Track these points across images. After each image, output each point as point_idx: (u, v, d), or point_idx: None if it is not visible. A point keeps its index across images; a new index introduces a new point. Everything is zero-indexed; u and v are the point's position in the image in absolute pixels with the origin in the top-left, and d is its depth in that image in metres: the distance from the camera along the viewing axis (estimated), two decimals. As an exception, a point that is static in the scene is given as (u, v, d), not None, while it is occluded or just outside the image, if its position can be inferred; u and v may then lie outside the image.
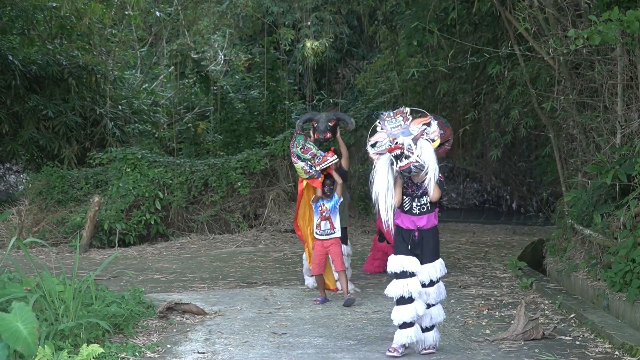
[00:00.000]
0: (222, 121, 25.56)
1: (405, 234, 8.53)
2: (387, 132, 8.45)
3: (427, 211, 8.57)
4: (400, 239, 8.58)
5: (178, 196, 18.89)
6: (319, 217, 11.04)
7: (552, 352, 8.08)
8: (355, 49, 27.39)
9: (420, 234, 8.51)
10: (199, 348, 8.40)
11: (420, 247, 8.49)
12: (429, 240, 8.56)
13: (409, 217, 8.54)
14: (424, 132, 8.41)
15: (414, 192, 8.53)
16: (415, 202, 8.53)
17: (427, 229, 8.56)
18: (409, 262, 8.40)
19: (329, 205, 11.01)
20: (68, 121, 21.64)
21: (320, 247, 11.02)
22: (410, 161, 8.18)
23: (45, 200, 19.16)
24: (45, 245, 12.88)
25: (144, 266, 14.90)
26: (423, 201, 8.54)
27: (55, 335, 8.00)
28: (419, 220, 8.53)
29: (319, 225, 11.04)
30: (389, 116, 8.61)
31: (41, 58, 21.66)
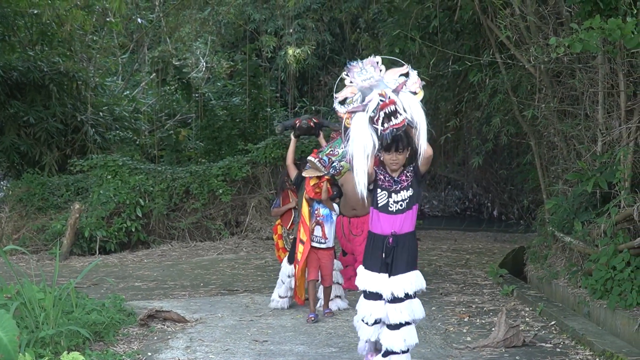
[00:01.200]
0: (204, 128, 25.55)
1: (378, 242, 7.54)
2: (356, 85, 7.31)
3: (405, 208, 7.50)
4: (372, 248, 7.62)
5: (159, 203, 18.87)
6: (313, 220, 10.52)
7: (533, 359, 8.11)
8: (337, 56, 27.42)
9: (395, 240, 7.46)
10: (180, 356, 8.40)
11: (392, 255, 7.47)
12: (404, 248, 7.51)
13: (383, 218, 7.52)
14: (404, 84, 7.35)
15: (390, 185, 7.51)
16: (392, 198, 7.49)
17: (404, 234, 7.50)
18: (378, 281, 7.46)
19: (324, 212, 10.48)
20: (49, 127, 21.58)
21: (315, 255, 10.43)
22: (405, 117, 7.15)
23: (25, 207, 19.11)
24: (25, 253, 12.84)
25: (124, 274, 14.88)
26: (402, 196, 7.50)
27: (36, 343, 7.98)
28: (395, 221, 7.49)
29: (313, 230, 10.48)
30: (358, 67, 7.36)
31: (22, 64, 21.60)
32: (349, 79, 7.37)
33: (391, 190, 7.50)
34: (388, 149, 7.33)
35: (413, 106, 7.22)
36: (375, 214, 7.62)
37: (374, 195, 7.56)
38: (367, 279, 7.53)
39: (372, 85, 7.27)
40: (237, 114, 25.63)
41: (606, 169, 10.46)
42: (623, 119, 10.46)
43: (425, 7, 16.33)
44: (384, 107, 7.13)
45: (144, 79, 27.67)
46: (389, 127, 7.16)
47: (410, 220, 7.60)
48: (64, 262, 16.11)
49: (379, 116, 7.17)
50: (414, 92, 7.31)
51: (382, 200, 7.51)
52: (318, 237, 10.46)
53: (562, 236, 11.49)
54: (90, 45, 23.93)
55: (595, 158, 10.93)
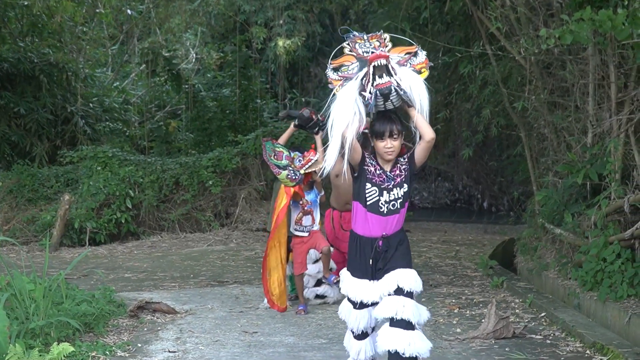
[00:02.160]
0: (194, 119, 25.54)
1: (365, 245, 6.59)
2: (357, 56, 6.52)
3: (398, 209, 6.57)
4: (357, 253, 6.67)
5: (149, 195, 18.83)
6: (299, 211, 10.19)
7: (523, 350, 8.11)
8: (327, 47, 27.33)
9: (386, 243, 6.56)
10: (170, 347, 8.38)
11: (384, 260, 6.57)
12: (398, 248, 6.63)
13: (372, 218, 6.55)
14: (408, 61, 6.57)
15: (382, 181, 6.54)
16: (383, 197, 6.51)
17: (395, 233, 6.62)
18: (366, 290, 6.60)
19: (310, 198, 10.24)
20: (39, 118, 21.54)
21: (301, 244, 10.20)
22: (393, 80, 6.25)
23: (15, 198, 19.07)
24: (15, 244, 12.81)
25: (114, 265, 14.86)
26: (395, 195, 6.53)
27: (26, 334, 7.97)
28: (386, 223, 6.55)
29: (300, 221, 10.19)
30: (362, 38, 6.66)
31: (12, 56, 21.57)
32: (350, 47, 6.64)
33: (383, 188, 6.56)
34: (381, 136, 6.44)
35: (414, 82, 6.40)
36: (362, 212, 6.61)
37: (361, 188, 6.57)
38: (353, 287, 6.69)
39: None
40: (227, 105, 25.62)
41: (596, 160, 10.45)
42: (613, 111, 10.45)
43: (414, -2, 16.34)
44: (373, 60, 6.31)
45: (134, 70, 27.64)
46: (374, 89, 6.25)
47: (402, 219, 6.71)
48: (53, 253, 16.08)
49: (368, 78, 6.30)
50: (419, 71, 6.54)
51: (372, 198, 6.55)
52: (308, 226, 10.26)
53: (552, 228, 11.49)
54: (80, 36, 23.85)
55: (586, 150, 10.92)
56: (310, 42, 26.56)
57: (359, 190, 6.59)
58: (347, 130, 6.16)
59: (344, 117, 6.21)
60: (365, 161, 6.57)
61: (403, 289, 6.49)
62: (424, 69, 6.56)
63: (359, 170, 6.60)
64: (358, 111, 6.27)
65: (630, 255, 9.17)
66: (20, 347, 7.15)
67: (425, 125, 6.42)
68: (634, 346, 7.86)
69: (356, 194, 6.63)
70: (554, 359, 7.85)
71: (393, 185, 6.54)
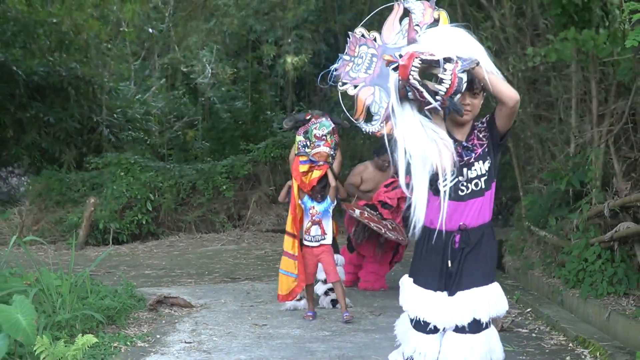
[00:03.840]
0: (209, 130, 25.57)
1: (436, 242, 4.87)
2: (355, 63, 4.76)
3: (482, 190, 4.85)
4: (426, 251, 4.97)
5: (168, 198, 18.81)
6: (309, 220, 9.22)
7: (511, 343, 8.06)
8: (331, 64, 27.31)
9: (465, 238, 4.86)
10: (186, 338, 8.34)
11: (459, 262, 4.86)
12: (479, 249, 4.90)
13: (451, 207, 4.79)
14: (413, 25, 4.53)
15: (459, 154, 4.76)
16: (462, 176, 4.79)
17: (477, 227, 4.89)
18: (435, 304, 4.87)
19: (320, 209, 9.17)
20: (67, 127, 21.61)
21: (311, 256, 9.25)
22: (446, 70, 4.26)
23: (44, 201, 19.06)
24: (43, 243, 12.80)
25: (135, 262, 14.83)
26: (477, 171, 4.82)
27: (53, 326, 7.93)
28: (465, 209, 4.82)
29: (309, 231, 9.21)
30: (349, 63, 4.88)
31: (42, 69, 21.62)
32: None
33: (461, 163, 4.77)
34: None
35: (449, 39, 4.47)
36: (432, 199, 4.81)
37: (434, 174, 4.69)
38: (417, 301, 4.93)
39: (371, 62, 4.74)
40: (239, 116, 25.63)
41: (578, 168, 10.42)
42: (595, 123, 10.41)
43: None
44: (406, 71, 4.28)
45: (155, 84, 27.64)
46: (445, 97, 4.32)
47: (487, 207, 4.96)
48: (79, 252, 16.05)
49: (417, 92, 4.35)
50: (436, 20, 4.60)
51: (450, 182, 4.77)
52: (317, 236, 9.23)
53: (537, 230, 11.44)
54: (105, 52, 23.90)
55: (569, 159, 10.87)
56: (316, 59, 26.49)
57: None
58: (440, 160, 4.51)
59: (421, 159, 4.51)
60: None
61: (480, 322, 4.81)
62: (435, 15, 4.62)
63: None
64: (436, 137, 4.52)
65: (609, 256, 9.13)
66: (47, 339, 7.11)
67: (502, 84, 4.64)
68: (613, 340, 7.80)
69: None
70: (539, 351, 7.79)
71: (475, 159, 4.83)
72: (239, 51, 27.66)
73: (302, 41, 25.46)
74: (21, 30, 21.46)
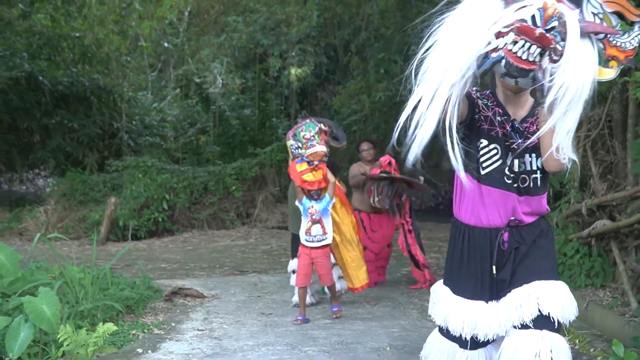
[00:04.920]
0: (220, 135, 25.54)
1: (479, 242, 3.83)
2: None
3: (535, 187, 3.76)
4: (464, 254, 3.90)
5: (182, 198, 18.78)
6: (308, 220, 8.51)
7: (497, 331, 8.02)
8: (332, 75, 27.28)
9: (517, 236, 3.75)
10: (199, 326, 8.33)
11: (513, 265, 3.74)
12: (535, 248, 3.77)
13: (491, 196, 3.72)
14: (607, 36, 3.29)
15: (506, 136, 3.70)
16: (509, 161, 3.69)
17: (533, 223, 3.79)
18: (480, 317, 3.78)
19: (319, 207, 8.47)
20: (90, 133, 21.65)
21: (307, 257, 8.55)
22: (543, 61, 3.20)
23: (68, 200, 19.05)
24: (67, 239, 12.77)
25: (152, 257, 14.81)
26: (529, 163, 3.71)
27: (76, 316, 7.92)
28: (516, 202, 3.72)
29: (309, 231, 8.48)
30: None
31: (66, 80, 21.64)
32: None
33: (509, 147, 3.69)
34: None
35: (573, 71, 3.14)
36: (475, 187, 3.76)
37: (473, 150, 3.69)
38: (456, 313, 3.85)
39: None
40: (247, 123, 25.61)
41: (558, 171, 10.38)
42: (573, 129, 10.38)
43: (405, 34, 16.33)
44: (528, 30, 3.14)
45: (170, 94, 27.63)
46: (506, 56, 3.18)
47: (543, 197, 3.85)
48: (101, 247, 16.04)
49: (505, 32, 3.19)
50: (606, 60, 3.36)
51: (490, 163, 3.69)
52: (319, 235, 8.51)
53: (520, 227, 11.40)
54: (124, 64, 23.89)
55: (549, 162, 10.83)
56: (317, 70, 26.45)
57: (466, 152, 3.62)
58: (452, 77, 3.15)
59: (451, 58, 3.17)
60: (476, 105, 3.66)
61: (549, 317, 3.65)
62: (615, 62, 3.38)
63: (468, 123, 3.70)
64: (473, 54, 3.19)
65: (587, 251, 9.11)
66: (70, 327, 7.10)
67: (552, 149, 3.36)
68: (591, 328, 7.80)
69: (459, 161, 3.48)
70: (522, 338, 7.75)
71: (533, 147, 3.65)
72: (247, 63, 27.62)
73: (305, 54, 25.45)
74: (46, 43, 21.51)
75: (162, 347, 7.35)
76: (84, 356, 6.97)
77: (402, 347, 7.33)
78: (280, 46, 25.62)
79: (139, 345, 7.41)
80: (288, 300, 9.81)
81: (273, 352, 7.11)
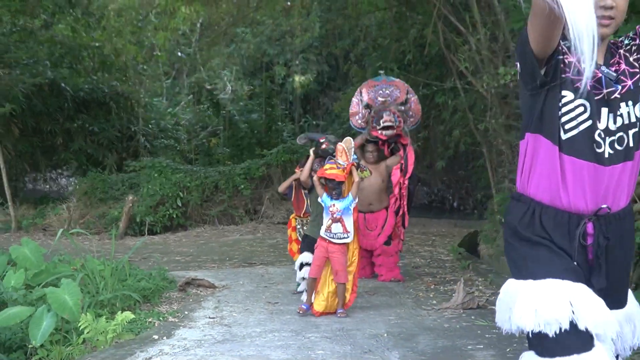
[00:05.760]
0: (229, 138, 25.58)
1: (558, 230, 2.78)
2: None
3: (627, 152, 2.74)
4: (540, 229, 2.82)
5: (194, 196, 18.78)
6: (329, 218, 8.03)
7: (485, 318, 8.01)
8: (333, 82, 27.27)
9: (604, 230, 2.76)
10: (210, 314, 8.31)
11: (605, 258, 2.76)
12: (626, 253, 2.87)
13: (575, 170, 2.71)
14: None
15: (598, 86, 2.71)
16: (602, 120, 2.71)
17: (623, 210, 2.80)
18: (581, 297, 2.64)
19: (341, 206, 7.94)
20: (109, 136, 21.71)
21: (324, 249, 8.05)
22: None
23: (89, 198, 19.07)
24: (88, 234, 12.79)
25: (167, 250, 14.81)
26: (626, 118, 2.73)
27: (96, 305, 7.93)
28: (608, 181, 2.71)
29: (329, 228, 7.99)
30: None
31: (87, 86, 21.69)
32: None
33: (600, 100, 2.74)
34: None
35: None
36: (549, 157, 2.80)
37: (548, 102, 2.75)
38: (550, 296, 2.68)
39: None
40: (255, 126, 25.68)
41: (543, 170, 10.35)
42: (556, 131, 10.35)
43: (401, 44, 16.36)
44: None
45: (183, 99, 27.66)
46: None
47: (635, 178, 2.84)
48: (119, 241, 16.03)
49: None
50: None
51: (578, 123, 2.74)
52: (339, 233, 7.98)
53: (507, 222, 11.37)
54: (141, 72, 23.93)
55: (534, 162, 10.80)
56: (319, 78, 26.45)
57: (542, 107, 2.78)
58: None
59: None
60: (560, 55, 2.71)
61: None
62: None
63: (549, 68, 2.71)
64: None
65: None
66: (91, 316, 7.10)
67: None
68: (572, 316, 7.76)
69: (537, 119, 2.80)
70: (509, 325, 7.73)
71: (620, 94, 2.74)
72: (254, 71, 27.63)
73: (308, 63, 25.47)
74: (68, 52, 21.54)
75: (176, 333, 7.34)
76: (103, 342, 6.97)
77: (398, 333, 7.32)
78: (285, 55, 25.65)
79: (155, 332, 7.40)
80: (292, 290, 9.80)
81: (279, 338, 7.10)
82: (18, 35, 20.83)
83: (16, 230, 17.49)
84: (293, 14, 17.98)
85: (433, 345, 6.84)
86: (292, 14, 18.30)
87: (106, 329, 7.02)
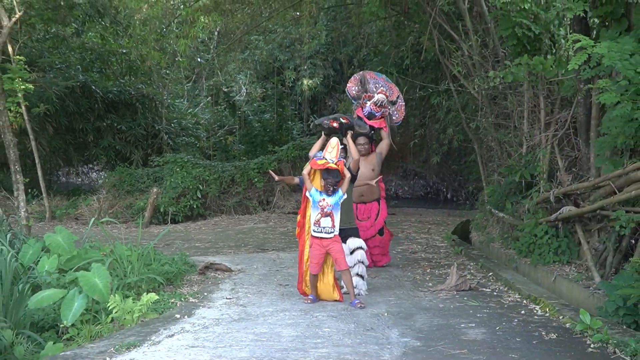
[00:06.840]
0: (244, 136, 25.52)
1: None
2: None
3: None
4: None
5: (213, 188, 18.75)
6: (318, 212, 7.70)
7: (476, 299, 7.97)
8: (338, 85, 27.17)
9: None
10: (227, 295, 8.29)
11: None
12: None
13: None
14: None
15: None
16: None
17: None
18: None
19: (331, 201, 7.64)
20: (136, 133, 21.69)
21: (319, 247, 7.77)
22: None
23: (118, 190, 19.07)
24: (116, 223, 12.75)
25: (188, 237, 14.77)
26: None
27: (124, 287, 7.92)
28: None
29: (318, 222, 7.68)
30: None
31: (115, 89, 21.68)
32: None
33: None
34: None
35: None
36: None
37: None
38: None
39: None
40: (267, 125, 25.66)
41: (529, 165, 10.36)
42: (542, 129, 10.34)
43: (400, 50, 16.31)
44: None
45: (202, 101, 27.60)
46: None
47: None
48: (145, 230, 16.01)
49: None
50: None
51: None
52: (327, 228, 7.68)
53: (497, 212, 11.34)
54: (164, 76, 23.89)
55: (522, 157, 10.78)
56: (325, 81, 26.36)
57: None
58: None
59: None
60: None
61: None
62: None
63: None
64: None
65: (555, 233, 9.07)
66: (119, 297, 7.08)
67: None
68: (559, 299, 7.73)
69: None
70: (499, 306, 7.68)
71: None
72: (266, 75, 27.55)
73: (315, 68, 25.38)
74: (97, 58, 21.55)
75: (197, 312, 7.31)
76: (130, 321, 6.95)
77: (397, 313, 7.28)
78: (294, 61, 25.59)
79: (177, 311, 7.37)
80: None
81: (289, 317, 7.07)
82: (51, 41, 20.87)
83: (50, 219, 17.48)
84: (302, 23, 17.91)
85: (429, 323, 6.81)
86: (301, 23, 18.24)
87: (133, 309, 7.00)
